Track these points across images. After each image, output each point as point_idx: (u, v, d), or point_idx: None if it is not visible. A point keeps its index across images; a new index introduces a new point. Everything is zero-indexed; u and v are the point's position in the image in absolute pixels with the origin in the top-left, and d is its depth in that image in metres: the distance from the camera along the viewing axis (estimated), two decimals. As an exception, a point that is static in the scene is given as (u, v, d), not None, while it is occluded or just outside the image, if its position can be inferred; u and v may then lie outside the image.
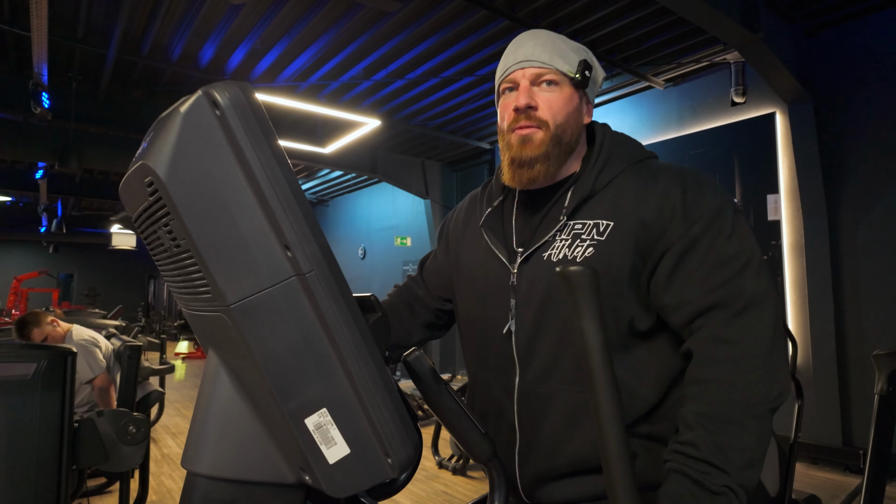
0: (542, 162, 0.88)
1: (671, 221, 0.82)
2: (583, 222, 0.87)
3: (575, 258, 0.84)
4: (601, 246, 0.84)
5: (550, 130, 0.88)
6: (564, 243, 0.86)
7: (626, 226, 0.84)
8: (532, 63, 0.89)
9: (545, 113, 0.88)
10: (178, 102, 0.52)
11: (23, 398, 1.80)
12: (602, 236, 0.84)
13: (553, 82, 0.89)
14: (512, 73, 0.91)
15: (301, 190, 0.54)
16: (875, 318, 3.89)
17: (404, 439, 0.56)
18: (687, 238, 0.81)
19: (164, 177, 0.50)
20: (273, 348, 0.53)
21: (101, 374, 2.99)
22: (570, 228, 0.87)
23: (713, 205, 0.83)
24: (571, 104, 0.90)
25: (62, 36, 4.46)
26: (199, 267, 0.54)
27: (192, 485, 0.61)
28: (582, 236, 0.85)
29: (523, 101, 0.88)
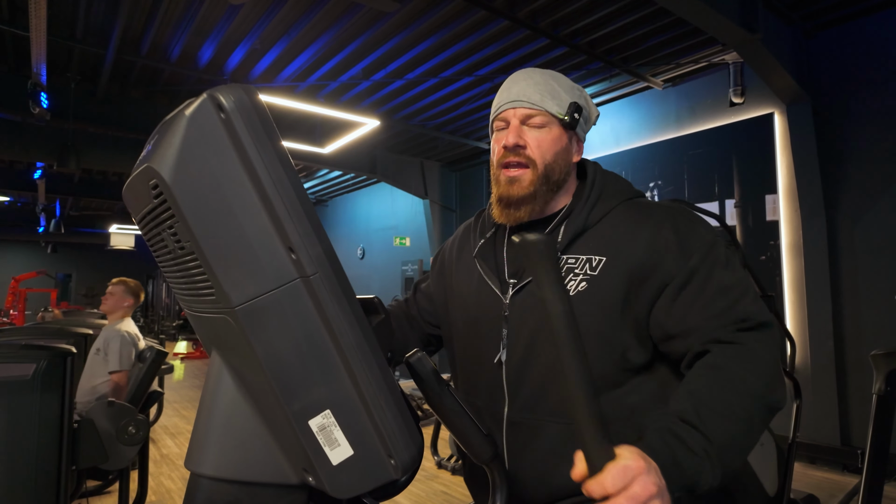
0: (529, 202, 0.92)
1: (666, 254, 0.85)
2: (576, 257, 0.89)
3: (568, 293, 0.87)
4: (594, 280, 0.86)
5: (539, 170, 0.91)
6: None
7: (618, 260, 0.86)
8: (523, 103, 0.92)
9: (534, 152, 0.92)
10: (183, 105, 0.52)
11: (22, 398, 1.80)
12: (595, 271, 0.87)
13: (542, 125, 0.92)
14: (503, 112, 0.94)
15: (305, 192, 0.54)
16: (873, 317, 3.90)
17: (407, 441, 0.57)
18: (686, 269, 0.84)
19: (169, 179, 0.51)
20: (277, 350, 0.54)
21: (125, 372, 3.02)
22: (564, 262, 0.90)
23: (707, 238, 0.86)
24: (560, 144, 0.93)
25: (61, 36, 4.46)
26: (203, 269, 0.54)
27: (195, 486, 0.61)
28: (575, 270, 0.88)
29: (512, 140, 0.91)
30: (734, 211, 4.59)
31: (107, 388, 3.04)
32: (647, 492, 0.57)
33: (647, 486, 0.58)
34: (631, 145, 5.28)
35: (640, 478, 0.58)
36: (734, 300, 0.82)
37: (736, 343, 0.79)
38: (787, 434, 1.98)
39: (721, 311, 0.81)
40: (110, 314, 3.28)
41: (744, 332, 0.80)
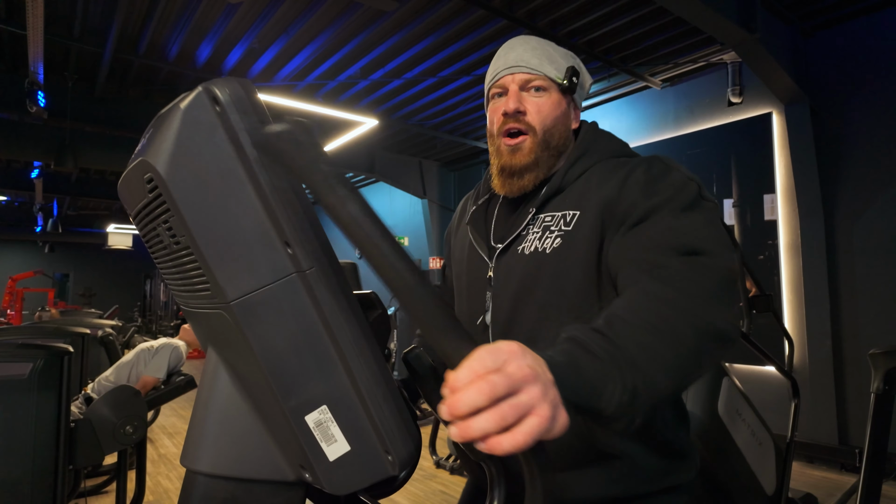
0: (533, 170, 0.90)
1: (631, 193, 0.80)
2: (552, 214, 0.88)
3: (545, 250, 0.85)
4: (568, 236, 0.84)
5: (538, 136, 0.90)
6: (535, 236, 0.88)
7: (589, 211, 0.84)
8: (521, 69, 0.91)
9: (533, 118, 0.90)
10: (178, 98, 0.52)
11: (19, 398, 1.79)
12: (569, 226, 0.85)
13: (541, 88, 0.91)
14: (501, 78, 0.93)
15: (302, 186, 0.54)
16: (871, 317, 3.91)
17: (405, 436, 0.56)
18: (645, 206, 0.78)
19: (164, 173, 0.50)
20: (273, 345, 0.53)
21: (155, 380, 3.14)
22: (541, 221, 0.89)
23: (677, 180, 0.80)
24: (559, 109, 0.92)
25: (58, 35, 4.44)
26: (198, 264, 0.53)
27: (191, 483, 0.61)
28: (551, 227, 0.87)
29: (512, 106, 0.90)
30: (732, 210, 4.60)
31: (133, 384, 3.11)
32: (521, 372, 0.44)
33: (521, 367, 0.45)
34: (629, 145, 5.28)
35: (513, 359, 0.45)
36: (684, 231, 0.74)
37: (668, 267, 0.71)
38: (786, 433, 1.98)
39: (664, 239, 0.74)
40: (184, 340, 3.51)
41: (677, 255, 0.72)
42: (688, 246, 0.72)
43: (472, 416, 0.43)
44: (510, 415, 0.43)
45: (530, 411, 0.44)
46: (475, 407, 0.42)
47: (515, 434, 0.43)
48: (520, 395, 0.44)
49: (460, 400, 0.42)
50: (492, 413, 0.42)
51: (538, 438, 0.44)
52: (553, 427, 0.45)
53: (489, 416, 0.42)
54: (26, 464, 1.78)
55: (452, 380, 0.44)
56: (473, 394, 0.42)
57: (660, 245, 0.74)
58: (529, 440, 0.43)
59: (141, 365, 3.14)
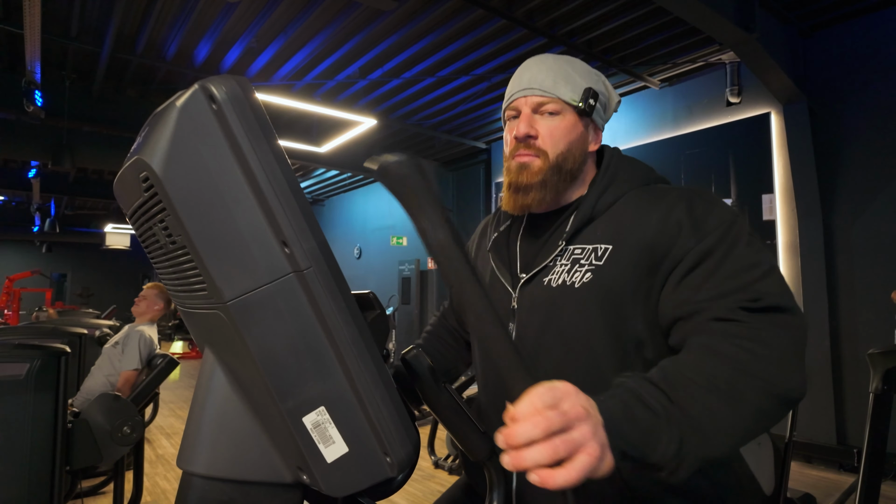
0: (538, 189, 0.87)
1: (678, 237, 0.77)
2: (582, 247, 0.85)
3: (573, 284, 0.82)
4: (599, 270, 0.81)
5: (550, 160, 0.87)
6: (564, 268, 0.85)
7: (624, 248, 0.80)
8: (534, 91, 0.87)
9: (545, 142, 0.87)
10: (175, 96, 0.51)
11: (15, 398, 1.78)
12: (600, 261, 0.82)
13: (555, 111, 0.88)
14: (515, 101, 0.90)
15: (299, 186, 0.53)
16: (869, 317, 3.91)
17: (403, 438, 0.56)
18: (698, 251, 0.75)
19: (160, 172, 0.50)
20: (270, 346, 0.53)
21: (135, 372, 3.05)
22: (570, 253, 0.85)
23: (725, 217, 0.77)
24: (574, 133, 0.88)
25: (55, 34, 4.43)
26: (195, 264, 0.53)
27: (187, 485, 0.60)
28: (581, 261, 0.84)
29: (523, 131, 0.87)
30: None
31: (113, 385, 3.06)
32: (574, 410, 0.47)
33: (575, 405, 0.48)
34: (628, 145, 5.28)
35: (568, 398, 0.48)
36: (756, 278, 0.70)
37: (737, 321, 0.68)
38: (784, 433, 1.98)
39: (732, 289, 0.70)
40: (140, 316, 3.33)
41: (751, 311, 0.68)
42: (758, 298, 0.69)
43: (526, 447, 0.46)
44: (562, 449, 0.46)
45: (581, 449, 0.47)
46: (530, 439, 0.46)
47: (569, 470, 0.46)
48: (572, 433, 0.47)
49: (517, 431, 0.46)
50: (545, 446, 0.46)
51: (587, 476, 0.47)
52: (600, 467, 0.49)
53: (542, 449, 0.46)
54: (23, 464, 1.77)
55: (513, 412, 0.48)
56: (530, 427, 0.46)
57: (725, 296, 0.70)
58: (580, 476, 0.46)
59: (116, 362, 3.05)
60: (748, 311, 0.68)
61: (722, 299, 0.70)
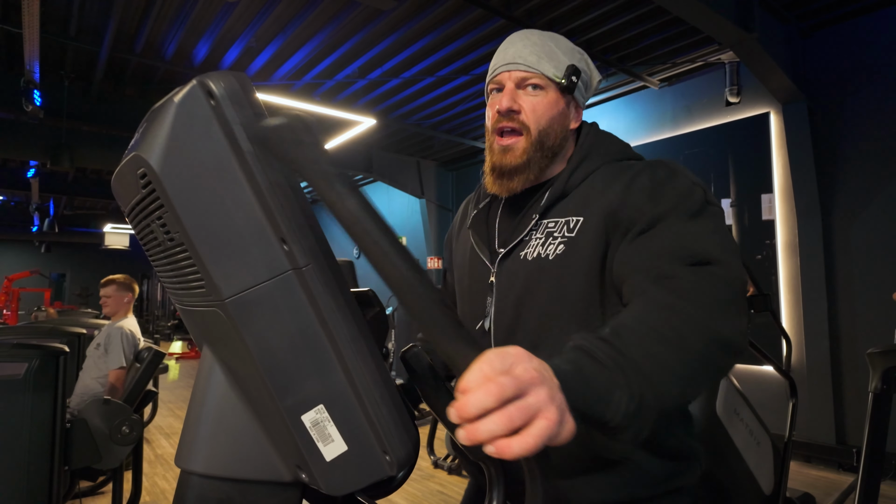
0: (523, 171, 0.89)
1: (636, 201, 0.79)
2: (555, 220, 0.87)
3: (548, 256, 0.84)
4: (571, 242, 0.83)
5: (532, 136, 0.88)
6: (538, 241, 0.87)
7: (593, 218, 0.82)
8: (518, 66, 0.88)
9: (528, 116, 0.88)
10: (173, 92, 0.51)
11: (14, 398, 1.78)
12: (572, 232, 0.83)
13: (538, 86, 0.88)
14: (499, 75, 0.91)
15: (298, 183, 0.53)
16: (869, 316, 3.91)
17: (403, 436, 0.55)
18: (651, 214, 0.77)
19: (158, 168, 0.49)
20: (269, 343, 0.52)
21: (124, 370, 3.02)
22: (544, 227, 0.87)
23: (683, 185, 0.79)
24: (556, 108, 0.90)
25: (54, 33, 4.42)
26: (193, 261, 0.52)
27: (186, 483, 0.60)
28: (554, 233, 0.85)
29: (506, 104, 0.88)
30: (730, 210, 4.60)
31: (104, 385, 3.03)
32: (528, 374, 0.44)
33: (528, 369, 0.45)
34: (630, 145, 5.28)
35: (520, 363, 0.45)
36: (693, 240, 0.73)
37: (674, 277, 0.69)
38: (784, 433, 1.98)
39: (674, 248, 0.72)
40: (114, 315, 3.30)
41: (686, 266, 0.70)
42: (696, 255, 0.71)
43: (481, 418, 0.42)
44: (518, 417, 0.43)
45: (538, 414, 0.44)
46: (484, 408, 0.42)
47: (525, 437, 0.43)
48: (527, 398, 0.44)
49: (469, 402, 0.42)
50: (499, 415, 0.42)
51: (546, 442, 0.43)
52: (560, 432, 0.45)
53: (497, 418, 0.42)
54: (21, 464, 1.76)
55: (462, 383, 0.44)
56: (482, 395, 0.42)
57: (667, 253, 0.72)
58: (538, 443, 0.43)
59: (102, 364, 3.03)
60: (689, 265, 0.70)
61: (664, 256, 0.72)
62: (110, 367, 3.01)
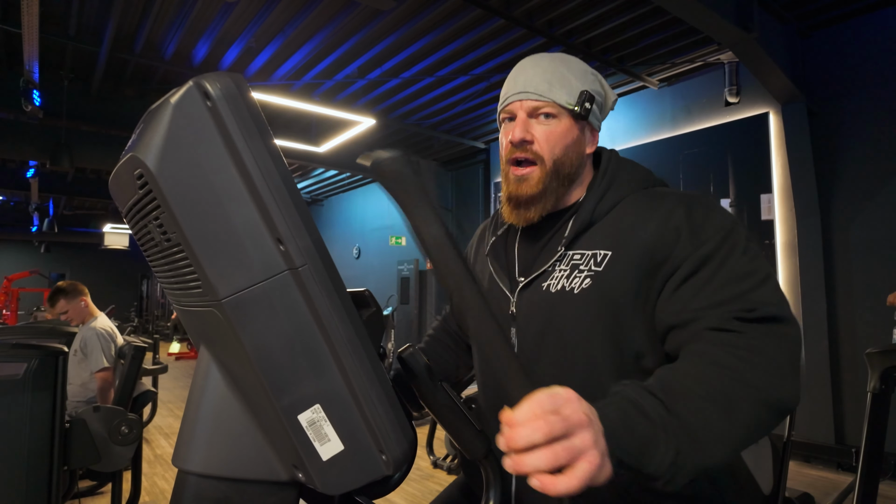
0: (539, 201, 0.87)
1: (677, 243, 0.77)
2: (581, 252, 0.84)
3: (573, 290, 0.82)
4: (598, 276, 0.81)
5: (547, 166, 0.86)
6: (563, 273, 0.84)
7: (624, 253, 0.80)
8: (529, 95, 0.86)
9: (541, 146, 0.86)
10: (169, 94, 0.51)
11: (13, 398, 1.78)
12: (599, 267, 0.81)
13: (550, 115, 0.86)
14: (510, 104, 0.89)
15: (294, 183, 0.53)
16: (867, 316, 3.92)
17: (399, 436, 0.56)
18: (695, 257, 0.75)
19: (154, 169, 0.49)
20: (266, 343, 0.53)
21: (110, 369, 2.97)
22: (569, 259, 0.85)
23: (724, 223, 0.77)
24: (570, 136, 0.87)
25: (53, 33, 4.42)
26: (189, 261, 0.53)
27: (182, 483, 0.60)
28: (580, 267, 0.83)
29: (518, 135, 0.86)
30: (729, 210, 4.60)
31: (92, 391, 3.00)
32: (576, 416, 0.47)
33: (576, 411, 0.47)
34: (626, 145, 5.28)
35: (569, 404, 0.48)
36: (752, 286, 0.71)
37: (734, 332, 0.68)
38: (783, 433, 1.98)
39: (728, 298, 0.70)
40: (82, 322, 3.22)
41: (746, 321, 0.68)
42: (754, 310, 0.69)
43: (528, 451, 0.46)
44: (563, 456, 0.46)
45: (581, 456, 0.47)
46: (531, 443, 0.46)
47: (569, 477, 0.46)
48: (573, 439, 0.47)
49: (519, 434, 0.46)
50: (546, 452, 0.46)
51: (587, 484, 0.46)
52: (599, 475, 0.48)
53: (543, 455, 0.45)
54: (20, 464, 1.76)
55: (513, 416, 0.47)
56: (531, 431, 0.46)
57: (721, 305, 0.70)
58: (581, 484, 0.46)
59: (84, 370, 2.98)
60: (743, 320, 0.69)
61: (718, 308, 0.71)
62: (93, 370, 2.96)
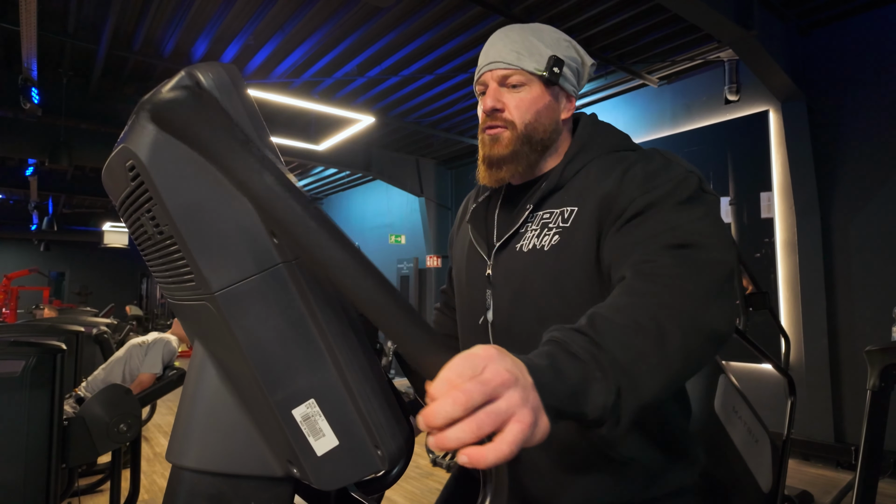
0: (510, 162, 0.89)
1: (629, 189, 0.78)
2: (550, 211, 0.86)
3: (543, 247, 0.84)
4: (566, 232, 0.82)
5: (518, 130, 0.88)
6: (534, 233, 0.86)
7: (587, 207, 0.81)
8: (498, 65, 0.88)
9: (512, 114, 0.88)
10: (161, 84, 0.50)
11: (11, 395, 1.78)
12: (567, 222, 0.83)
13: (520, 83, 0.88)
14: (482, 76, 0.91)
15: (287, 174, 0.52)
16: (867, 314, 3.91)
17: (394, 431, 0.55)
18: (642, 200, 0.75)
19: (146, 160, 0.49)
20: (259, 337, 0.52)
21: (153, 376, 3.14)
22: (539, 219, 0.87)
23: (676, 173, 0.78)
24: (541, 102, 0.89)
25: (52, 31, 4.41)
26: (182, 254, 0.52)
27: (177, 478, 0.59)
28: (549, 225, 0.85)
29: (489, 104, 0.89)
30: (729, 209, 4.60)
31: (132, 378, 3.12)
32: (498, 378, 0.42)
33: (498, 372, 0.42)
34: (626, 143, 5.28)
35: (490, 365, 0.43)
36: (683, 222, 0.71)
37: (659, 261, 0.67)
38: (782, 431, 1.98)
39: (661, 231, 0.71)
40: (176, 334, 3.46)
41: (674, 249, 0.68)
42: (678, 239, 0.69)
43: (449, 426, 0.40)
44: (488, 423, 0.41)
45: (510, 418, 0.42)
46: (450, 418, 0.40)
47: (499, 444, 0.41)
48: (498, 402, 0.42)
49: (434, 411, 0.40)
50: (468, 422, 0.40)
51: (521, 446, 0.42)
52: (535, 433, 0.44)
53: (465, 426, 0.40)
54: (19, 462, 1.76)
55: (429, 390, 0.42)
56: (447, 404, 0.40)
57: (651, 240, 0.71)
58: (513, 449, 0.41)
59: (134, 361, 3.13)
60: (670, 247, 0.68)
61: (649, 241, 0.70)
62: (144, 370, 3.13)
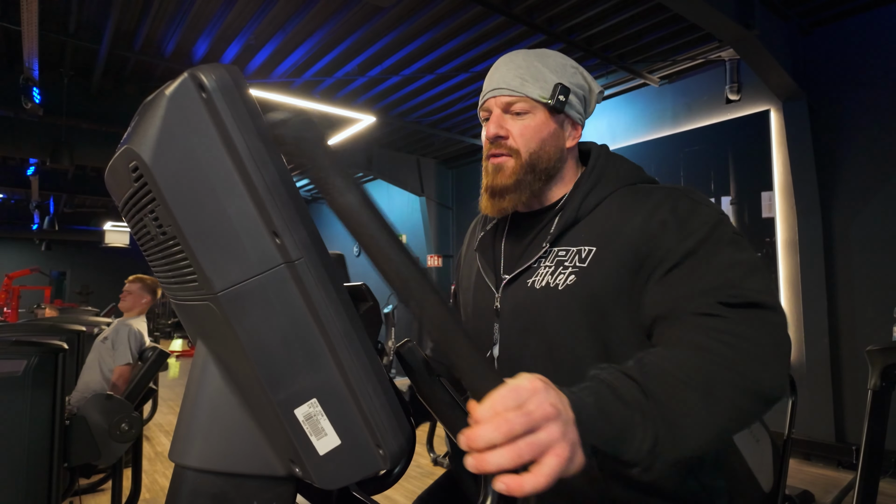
0: (513, 192, 0.87)
1: (662, 236, 0.75)
2: (566, 249, 0.84)
3: (557, 286, 0.82)
4: (583, 273, 0.80)
5: (522, 158, 0.86)
6: (548, 270, 0.84)
7: (609, 249, 0.79)
8: (502, 91, 0.87)
9: (516, 141, 0.87)
10: (164, 85, 0.51)
11: (13, 395, 1.78)
12: (584, 263, 0.81)
13: (524, 111, 0.87)
14: (486, 102, 0.89)
15: (290, 176, 0.53)
16: (868, 314, 3.91)
17: (396, 430, 0.55)
18: (681, 249, 0.74)
19: (149, 161, 0.49)
20: (262, 337, 0.52)
21: (129, 366, 3.04)
22: (554, 255, 0.85)
23: (710, 217, 0.76)
24: (546, 130, 0.87)
25: (53, 30, 4.42)
26: (185, 255, 0.52)
27: (180, 478, 0.60)
28: (565, 263, 0.83)
29: (493, 131, 0.87)
30: (730, 208, 4.60)
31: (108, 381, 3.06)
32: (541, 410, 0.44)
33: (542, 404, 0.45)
34: (627, 142, 5.27)
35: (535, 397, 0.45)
36: (733, 276, 0.70)
37: (718, 316, 0.66)
38: (783, 430, 1.98)
39: (713, 286, 0.69)
40: (128, 311, 3.32)
41: (731, 307, 0.67)
42: (739, 296, 0.68)
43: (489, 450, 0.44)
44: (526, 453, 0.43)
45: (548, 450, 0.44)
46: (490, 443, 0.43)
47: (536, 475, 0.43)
48: (539, 434, 0.44)
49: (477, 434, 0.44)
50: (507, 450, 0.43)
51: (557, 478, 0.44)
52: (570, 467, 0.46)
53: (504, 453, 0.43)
54: (20, 462, 1.76)
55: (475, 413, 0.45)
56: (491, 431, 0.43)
57: (706, 294, 0.69)
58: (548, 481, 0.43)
59: (106, 359, 3.04)
60: (728, 305, 0.67)
61: (702, 296, 0.69)
62: (116, 363, 3.04)
